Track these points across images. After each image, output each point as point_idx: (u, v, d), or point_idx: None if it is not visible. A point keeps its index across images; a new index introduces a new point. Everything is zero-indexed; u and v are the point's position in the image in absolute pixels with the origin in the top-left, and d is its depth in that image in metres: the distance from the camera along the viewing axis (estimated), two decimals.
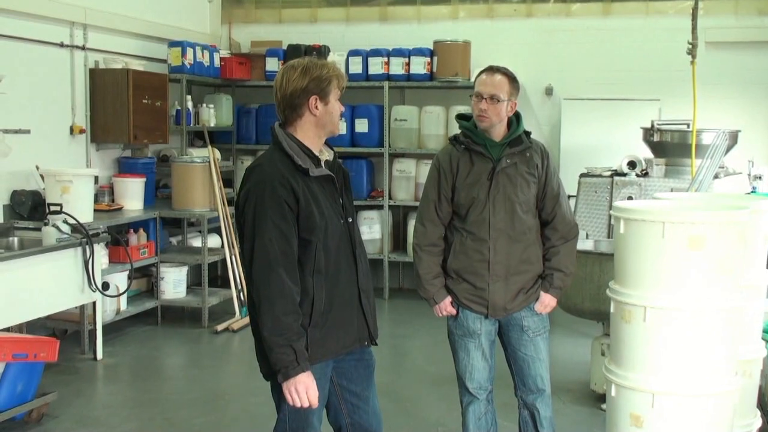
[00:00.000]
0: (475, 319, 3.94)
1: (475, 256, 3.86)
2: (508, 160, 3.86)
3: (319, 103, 3.12)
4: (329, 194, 3.17)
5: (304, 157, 3.10)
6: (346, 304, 3.20)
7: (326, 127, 3.18)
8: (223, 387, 6.03)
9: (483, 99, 3.81)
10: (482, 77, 3.87)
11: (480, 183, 3.85)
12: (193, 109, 8.56)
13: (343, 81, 3.19)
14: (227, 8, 9.72)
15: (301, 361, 3.00)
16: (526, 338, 3.95)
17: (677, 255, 3.57)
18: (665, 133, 7.18)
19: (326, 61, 3.28)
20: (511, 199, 3.85)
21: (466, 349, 3.98)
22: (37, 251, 5.82)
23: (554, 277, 3.94)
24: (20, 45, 6.63)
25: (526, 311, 3.94)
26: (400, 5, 9.31)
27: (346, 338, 3.22)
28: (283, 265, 3.00)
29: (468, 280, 3.89)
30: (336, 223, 3.16)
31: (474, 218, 3.85)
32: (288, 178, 3.04)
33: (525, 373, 3.98)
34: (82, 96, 7.39)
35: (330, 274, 3.14)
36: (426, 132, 8.80)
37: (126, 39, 7.98)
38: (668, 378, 3.62)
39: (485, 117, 3.82)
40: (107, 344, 6.71)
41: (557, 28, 8.87)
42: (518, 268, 3.88)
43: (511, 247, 3.86)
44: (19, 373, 4.89)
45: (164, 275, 7.65)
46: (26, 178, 6.67)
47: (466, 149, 3.90)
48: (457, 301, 3.94)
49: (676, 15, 8.42)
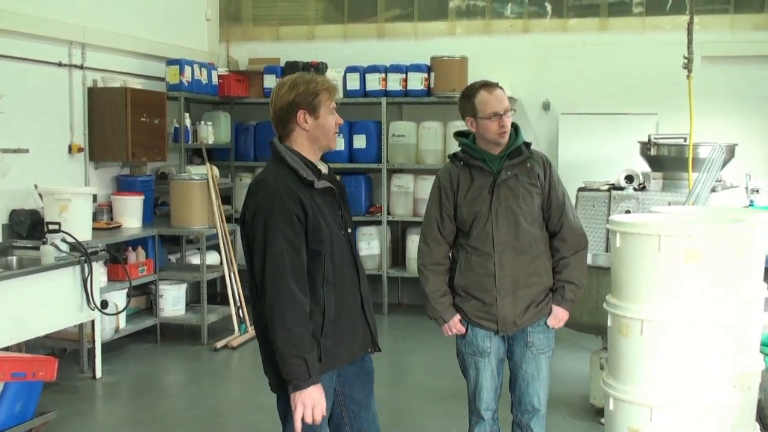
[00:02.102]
0: (485, 338, 3.87)
1: (481, 272, 3.80)
2: (509, 172, 3.81)
3: (309, 117, 3.15)
4: (330, 206, 3.22)
5: (307, 170, 3.15)
6: (352, 312, 3.25)
7: (319, 141, 3.20)
8: (223, 404, 6.02)
9: (501, 116, 3.76)
10: (487, 98, 3.78)
11: (481, 197, 3.81)
12: (192, 126, 8.58)
13: (334, 94, 3.21)
14: (225, 26, 9.77)
15: (312, 374, 3.03)
16: (529, 355, 3.88)
17: (674, 268, 3.58)
18: (662, 147, 7.21)
19: (317, 75, 3.28)
20: (513, 211, 3.79)
21: (476, 368, 3.91)
22: (35, 270, 5.82)
23: (566, 290, 3.85)
24: (19, 65, 6.66)
25: (533, 327, 3.87)
26: (397, 21, 9.35)
27: (354, 346, 3.27)
28: (293, 276, 3.05)
29: (476, 297, 3.83)
30: (338, 233, 3.21)
31: (477, 233, 3.80)
32: (295, 191, 3.09)
33: (522, 391, 3.92)
34: (81, 115, 7.41)
35: (337, 284, 3.20)
36: (424, 147, 8.83)
37: (124, 58, 8.01)
38: (666, 391, 3.63)
39: (506, 132, 3.80)
40: (106, 362, 6.70)
41: (554, 44, 8.90)
42: (526, 281, 3.81)
43: (517, 260, 3.79)
44: (18, 392, 4.87)
45: (163, 293, 7.65)
46: (25, 197, 6.68)
47: (466, 165, 3.87)
48: (467, 319, 3.88)
49: (672, 30, 8.44)
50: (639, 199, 7.16)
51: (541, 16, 9.01)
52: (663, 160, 7.23)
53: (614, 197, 7.21)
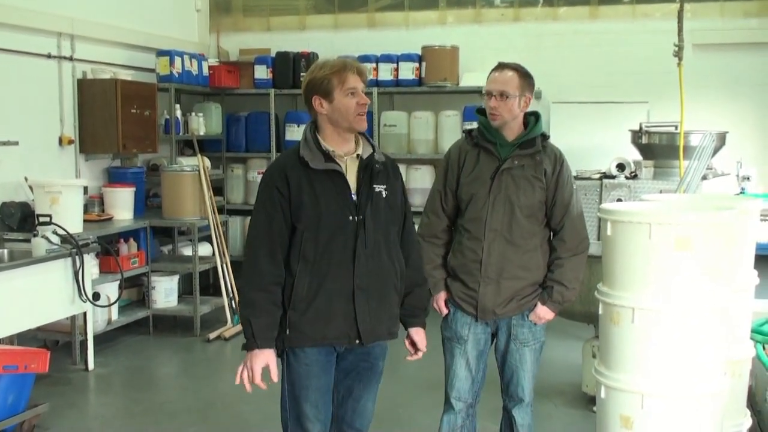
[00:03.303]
0: (464, 324, 3.87)
1: (469, 255, 3.79)
2: (515, 162, 3.75)
3: (324, 101, 3.23)
4: (338, 189, 3.24)
5: (309, 152, 3.22)
6: (332, 297, 3.23)
7: (339, 123, 3.24)
8: (216, 395, 6.01)
9: (493, 96, 3.72)
10: (492, 74, 3.78)
11: (481, 180, 3.76)
12: (182, 117, 8.56)
13: (347, 75, 3.21)
14: (215, 17, 9.74)
15: (258, 338, 3.19)
16: (513, 347, 3.86)
17: (664, 256, 3.58)
18: (653, 135, 7.22)
19: (333, 60, 3.31)
20: (511, 201, 3.74)
21: (451, 353, 3.92)
22: (26, 263, 5.80)
23: (553, 291, 3.80)
24: (7, 57, 6.63)
25: (518, 319, 3.84)
26: (388, 11, 9.33)
27: (327, 330, 3.26)
28: (265, 246, 3.22)
29: (461, 279, 3.83)
30: (338, 217, 3.22)
31: (471, 215, 3.78)
32: (285, 167, 3.24)
33: (507, 381, 3.93)
34: (71, 107, 7.39)
35: (318, 264, 3.21)
36: (415, 137, 8.82)
37: (114, 49, 7.98)
38: (657, 379, 3.63)
39: (497, 114, 3.72)
40: (99, 354, 6.69)
41: (545, 32, 8.89)
42: (513, 272, 3.76)
43: (506, 251, 3.75)
44: (10, 385, 4.86)
45: (155, 284, 7.64)
46: (15, 190, 6.65)
47: (476, 144, 3.82)
48: (452, 300, 3.89)
49: (662, 18, 8.44)
50: (630, 187, 7.17)
51: (531, 4, 9.00)
52: (654, 148, 7.24)
53: (606, 186, 7.23)
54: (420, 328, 3.54)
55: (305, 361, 3.30)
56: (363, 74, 3.28)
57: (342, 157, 3.28)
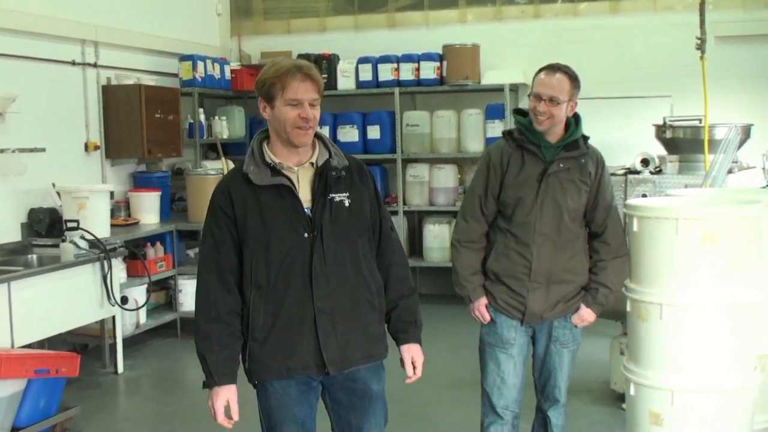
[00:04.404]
0: (509, 327, 3.76)
1: (517, 260, 3.67)
2: (561, 165, 3.65)
3: (267, 106, 2.94)
4: (287, 204, 2.95)
5: (253, 167, 2.94)
6: (292, 325, 2.95)
7: (279, 132, 2.94)
8: (244, 397, 6.02)
9: (542, 101, 3.59)
10: (541, 77, 3.64)
11: (529, 183, 3.66)
12: (206, 121, 8.61)
13: (288, 80, 2.86)
14: (236, 20, 9.78)
15: (216, 375, 2.95)
16: (553, 349, 3.80)
17: (691, 251, 3.59)
18: (677, 130, 7.19)
19: (286, 60, 2.99)
20: (559, 204, 3.64)
21: (496, 360, 3.78)
22: (55, 268, 5.86)
23: (598, 293, 3.73)
24: (33, 64, 6.70)
25: (560, 321, 3.77)
26: (408, 11, 9.33)
27: (290, 361, 2.98)
28: (214, 273, 2.96)
29: (507, 284, 3.71)
30: (289, 236, 2.93)
31: (519, 220, 3.66)
32: (229, 186, 2.98)
33: (544, 382, 3.87)
34: (96, 113, 7.45)
35: (273, 290, 2.94)
36: (438, 136, 8.82)
37: (137, 55, 8.04)
38: (687, 375, 3.64)
39: (543, 120, 3.62)
40: (128, 358, 6.76)
41: (565, 28, 8.86)
42: (561, 276, 3.68)
43: (555, 255, 3.66)
44: (42, 388, 4.92)
45: (182, 288, 7.67)
46: (43, 196, 6.73)
47: (519, 146, 3.70)
48: (493, 304, 3.77)
49: (684, 10, 8.38)
50: (655, 182, 7.14)
51: (551, 1, 8.97)
52: (678, 143, 7.20)
53: (630, 181, 7.20)
54: (413, 344, 3.19)
55: (274, 395, 3.06)
56: (314, 81, 2.91)
57: (292, 168, 2.97)
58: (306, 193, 2.98)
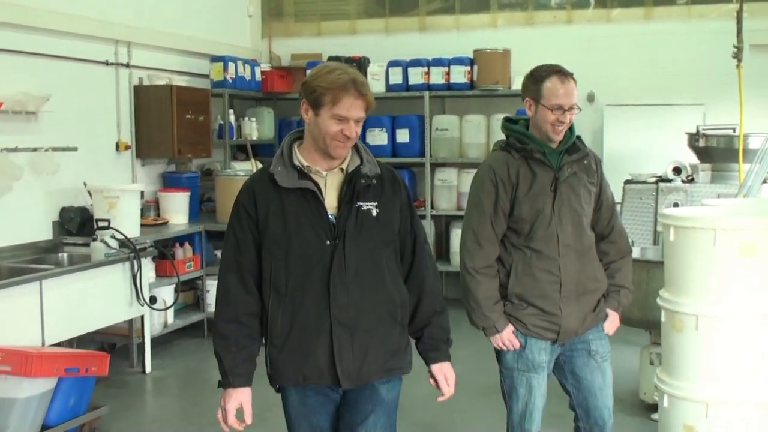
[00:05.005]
0: (540, 351, 3.55)
1: (544, 278, 3.47)
2: (569, 169, 3.52)
3: (310, 110, 2.85)
4: (311, 209, 2.87)
5: (281, 168, 2.89)
6: (308, 333, 2.88)
7: (316, 139, 2.87)
8: (272, 398, 6.02)
9: (565, 111, 3.44)
10: (557, 87, 3.44)
11: (544, 194, 3.47)
12: (235, 123, 8.63)
13: (341, 96, 2.77)
14: (267, 22, 9.81)
15: (231, 376, 2.91)
16: (594, 364, 3.61)
17: (728, 262, 3.54)
18: (711, 138, 7.09)
19: (342, 71, 2.83)
20: (577, 211, 3.51)
21: (528, 386, 3.57)
22: (86, 267, 5.90)
23: (621, 294, 3.64)
24: (67, 64, 6.74)
25: (593, 334, 3.60)
26: (439, 15, 9.32)
27: (306, 369, 2.91)
28: (235, 272, 2.91)
29: (535, 305, 3.49)
30: (311, 241, 2.85)
31: (541, 234, 3.46)
32: (254, 186, 2.92)
33: (591, 404, 3.63)
34: (127, 112, 7.49)
35: (291, 296, 2.88)
36: (467, 141, 8.79)
37: (169, 55, 8.08)
38: (722, 387, 3.58)
39: (562, 130, 3.48)
40: (155, 357, 6.78)
41: (598, 34, 8.81)
42: (588, 286, 3.54)
43: (580, 264, 3.52)
44: (72, 387, 4.94)
45: (210, 288, 7.68)
46: (74, 195, 6.76)
47: (524, 156, 3.51)
48: (522, 329, 3.53)
49: (718, 18, 8.32)
50: (687, 191, 7.05)
51: (584, 6, 8.93)
52: (712, 152, 7.12)
53: (662, 189, 7.12)
54: (445, 363, 3.10)
55: (293, 403, 3.04)
56: (366, 100, 2.82)
57: (320, 173, 2.91)
58: (332, 199, 2.91)
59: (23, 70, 6.27)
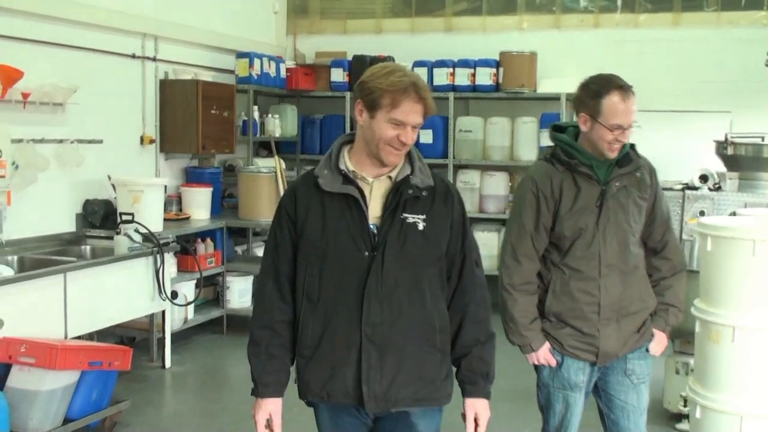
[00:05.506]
0: (578, 371, 3.40)
1: (582, 298, 3.31)
2: (618, 183, 3.30)
3: (365, 112, 2.68)
4: (354, 217, 2.70)
5: (326, 171, 2.73)
6: (336, 347, 2.72)
7: (369, 144, 2.69)
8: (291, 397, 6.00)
9: (625, 130, 3.22)
10: (618, 105, 3.21)
11: (588, 211, 3.28)
12: (259, 119, 8.61)
13: (401, 100, 2.61)
14: (292, 19, 9.78)
15: (260, 385, 2.80)
16: (628, 384, 3.43)
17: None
18: (739, 146, 7.04)
19: (404, 73, 2.67)
20: (623, 228, 3.30)
21: (565, 403, 3.44)
22: (109, 260, 5.89)
23: (669, 314, 3.42)
24: (94, 56, 6.73)
25: (634, 353, 3.42)
26: (465, 16, 9.27)
27: (331, 386, 2.74)
28: (272, 277, 2.79)
29: (573, 325, 3.34)
30: (349, 251, 2.69)
31: (581, 253, 3.29)
32: (297, 188, 2.79)
33: (622, 426, 3.46)
34: (152, 106, 7.48)
35: (323, 306, 2.72)
36: (491, 143, 8.75)
37: (195, 50, 8.06)
38: (757, 400, 3.54)
39: (618, 148, 3.27)
40: (174, 352, 6.76)
41: (625, 39, 8.74)
42: (631, 307, 3.35)
43: (623, 285, 3.32)
44: (95, 381, 4.93)
45: (230, 284, 7.69)
46: (98, 188, 6.75)
47: (568, 169, 3.31)
48: (559, 349, 3.39)
49: (748, 26, 8.25)
50: (714, 199, 7.00)
51: (611, 10, 8.87)
52: (740, 160, 7.06)
53: (688, 197, 7.07)
54: (480, 400, 2.86)
55: (323, 420, 2.90)
56: (426, 105, 2.66)
57: (366, 179, 2.74)
58: (376, 208, 2.73)
59: (51, 61, 6.25)
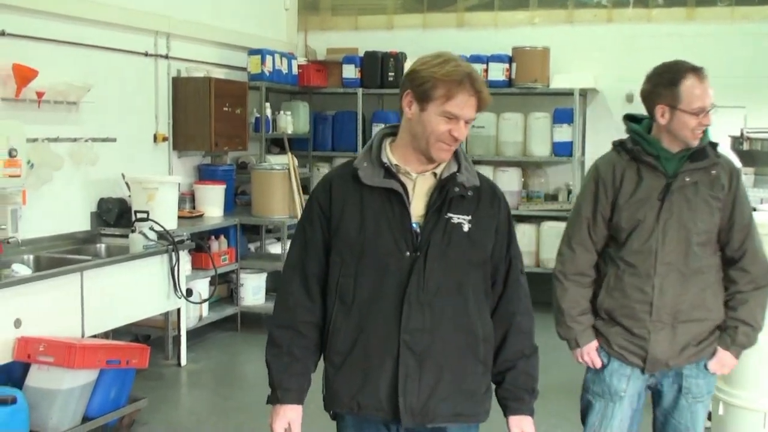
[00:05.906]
0: (621, 377, 3.21)
1: (634, 295, 3.12)
2: (687, 178, 3.10)
3: (415, 103, 2.49)
4: (395, 214, 2.51)
5: (366, 163, 2.55)
6: (371, 355, 2.53)
7: (417, 138, 2.50)
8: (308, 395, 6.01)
9: (708, 114, 3.10)
10: (696, 87, 3.11)
11: (649, 203, 3.11)
12: (271, 116, 8.60)
13: (457, 91, 2.43)
14: (303, 15, 9.75)
15: (279, 390, 2.59)
16: (684, 403, 3.21)
17: None
18: (755, 142, 6.99)
19: (459, 63, 2.49)
20: (687, 227, 3.09)
21: (603, 412, 3.25)
22: (125, 258, 5.88)
23: (738, 332, 3.16)
24: (107, 54, 6.71)
25: (691, 368, 3.19)
26: (477, 11, 9.24)
27: (361, 396, 2.55)
28: (298, 274, 2.60)
29: (623, 324, 3.17)
30: (388, 250, 2.50)
31: (637, 247, 3.11)
32: (332, 180, 2.60)
33: None
34: (165, 104, 7.46)
35: (358, 310, 2.53)
36: (503, 139, 8.72)
37: (207, 47, 8.05)
38: None
39: (700, 134, 3.10)
40: (189, 350, 6.76)
41: (638, 34, 8.68)
42: (690, 314, 3.13)
43: (682, 288, 3.11)
44: (113, 379, 4.93)
45: (244, 282, 7.69)
46: (112, 186, 6.74)
47: (633, 159, 3.17)
48: (606, 348, 3.23)
49: (761, 20, 8.21)
50: None
51: (624, 5, 8.82)
52: (755, 155, 7.01)
53: None
54: (525, 417, 2.67)
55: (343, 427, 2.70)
56: (482, 99, 2.49)
57: (409, 174, 2.56)
58: (419, 205, 2.54)
59: (65, 60, 6.24)
